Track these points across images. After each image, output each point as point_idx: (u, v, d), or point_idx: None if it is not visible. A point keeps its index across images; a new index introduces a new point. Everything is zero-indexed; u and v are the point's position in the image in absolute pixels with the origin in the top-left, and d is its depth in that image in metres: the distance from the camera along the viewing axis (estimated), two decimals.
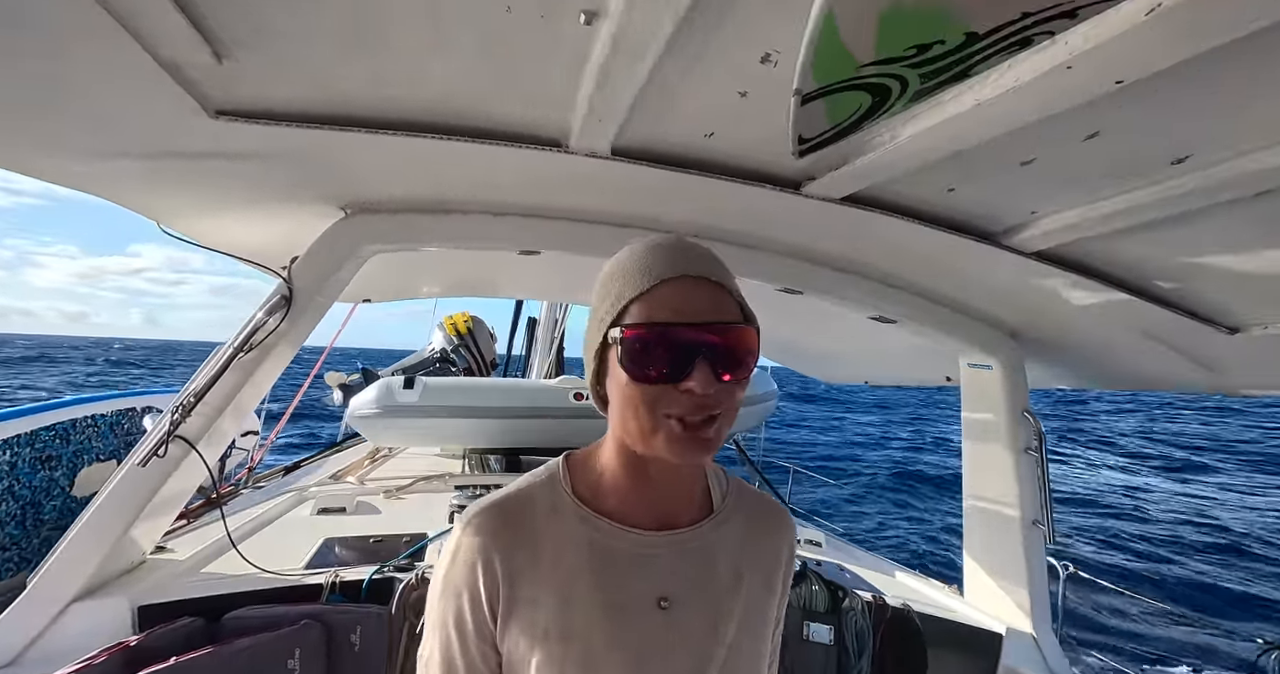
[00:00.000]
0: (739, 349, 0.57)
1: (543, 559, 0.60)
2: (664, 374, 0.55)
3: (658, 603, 0.61)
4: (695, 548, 0.64)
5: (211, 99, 1.09)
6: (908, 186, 1.28)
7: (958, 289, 1.83)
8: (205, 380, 1.52)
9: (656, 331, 0.56)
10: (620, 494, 0.64)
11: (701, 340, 0.55)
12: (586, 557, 0.61)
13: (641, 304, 0.57)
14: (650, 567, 0.62)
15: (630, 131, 1.20)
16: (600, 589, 0.60)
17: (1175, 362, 1.76)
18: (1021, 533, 2.03)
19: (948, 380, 2.61)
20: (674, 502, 0.65)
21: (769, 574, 0.68)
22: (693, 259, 0.59)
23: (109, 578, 1.49)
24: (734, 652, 0.62)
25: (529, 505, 0.63)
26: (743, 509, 0.70)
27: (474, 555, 0.60)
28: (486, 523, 0.61)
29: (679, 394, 0.55)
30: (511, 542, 0.60)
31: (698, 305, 0.57)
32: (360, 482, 2.97)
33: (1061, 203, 1.21)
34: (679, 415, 0.56)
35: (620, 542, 0.62)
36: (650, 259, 0.59)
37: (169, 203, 1.64)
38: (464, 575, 0.60)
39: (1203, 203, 1.05)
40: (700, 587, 0.63)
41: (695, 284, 0.58)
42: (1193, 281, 1.41)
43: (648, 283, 0.57)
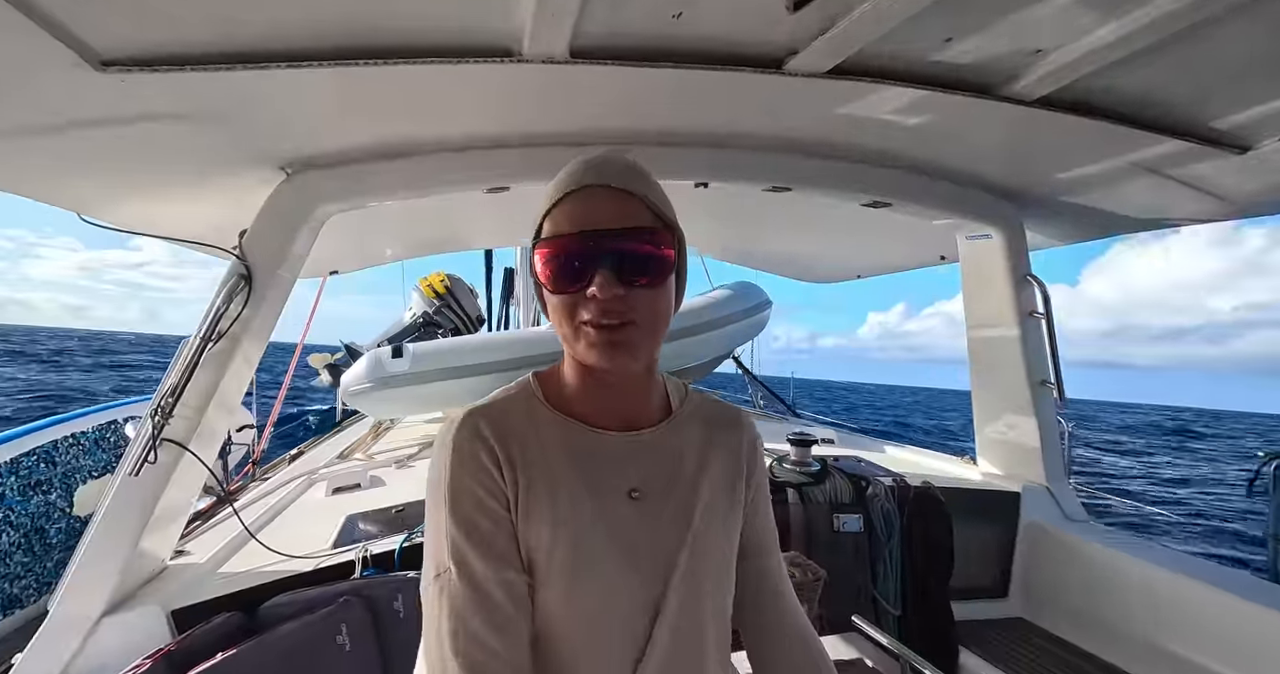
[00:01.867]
0: (641, 253, 0.59)
1: (530, 456, 0.63)
2: (571, 283, 0.58)
3: (629, 494, 0.65)
4: (657, 446, 0.69)
5: (92, 48, 0.92)
6: (899, 45, 1.16)
7: (956, 157, 1.74)
8: (178, 378, 1.41)
9: (558, 243, 0.59)
10: (583, 401, 0.68)
11: (600, 247, 0.58)
12: (564, 455, 0.65)
13: (550, 220, 0.61)
14: (619, 462, 0.66)
15: (587, 26, 1.05)
16: (580, 482, 0.64)
17: (1182, 193, 1.72)
18: (1031, 394, 2.06)
19: (942, 259, 2.58)
20: (632, 406, 0.69)
21: (729, 468, 0.72)
22: (598, 170, 0.61)
23: (134, 588, 1.45)
24: (700, 537, 0.66)
25: (509, 411, 0.66)
26: (701, 413, 0.75)
27: (477, 445, 0.62)
28: (477, 421, 0.63)
29: (584, 300, 0.58)
30: (503, 436, 0.63)
31: (597, 215, 0.59)
32: (368, 457, 2.93)
33: (1063, 36, 1.11)
34: (590, 321, 0.58)
35: (591, 441, 0.66)
36: (562, 176, 0.62)
37: (84, 187, 1.45)
38: (472, 464, 0.61)
39: (1211, 10, 0.96)
40: (665, 480, 0.67)
41: (596, 193, 0.60)
42: (1198, 103, 1.33)
43: (555, 198, 0.60)
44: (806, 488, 2.03)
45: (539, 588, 0.61)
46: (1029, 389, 2.06)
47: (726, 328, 3.62)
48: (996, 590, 2.09)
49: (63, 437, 2.59)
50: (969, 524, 2.04)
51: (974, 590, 2.06)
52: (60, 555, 2.44)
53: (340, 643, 1.33)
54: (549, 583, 0.61)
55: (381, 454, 2.95)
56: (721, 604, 0.69)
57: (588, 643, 0.62)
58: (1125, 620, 1.74)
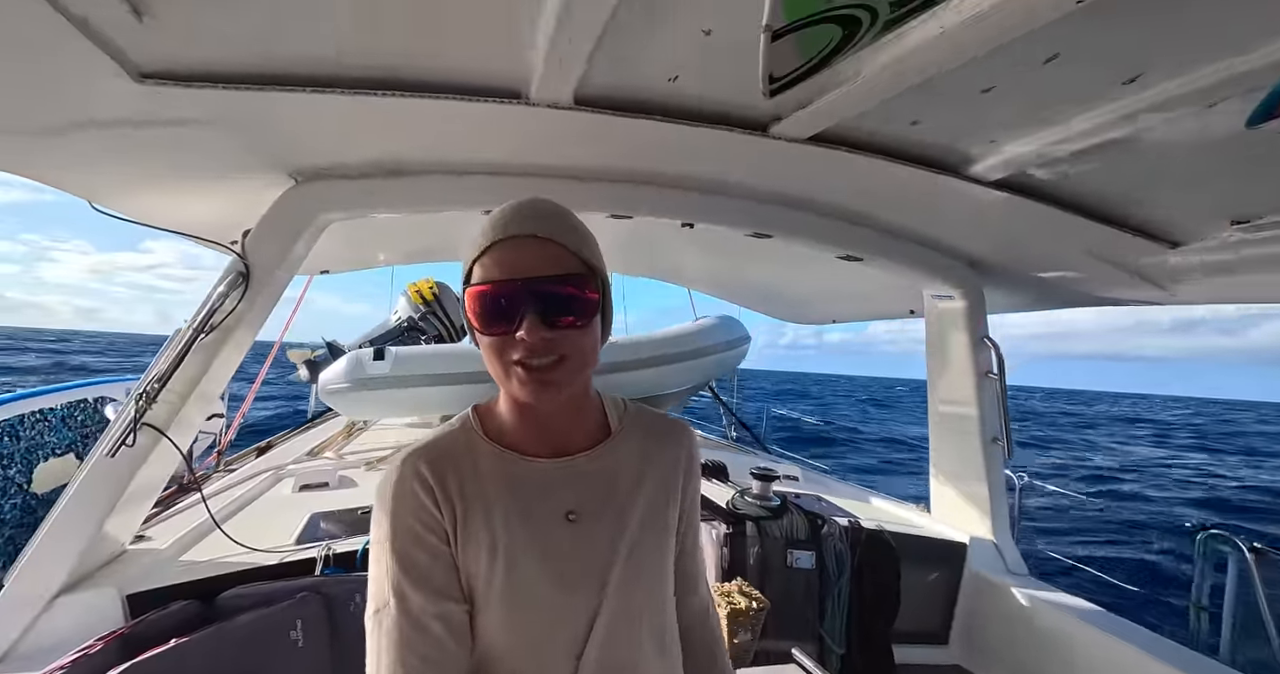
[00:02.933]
0: (564, 295, 0.63)
1: (469, 489, 0.67)
2: (500, 326, 0.62)
3: (566, 516, 0.68)
4: (595, 468, 0.72)
5: (134, 61, 1.00)
6: (872, 122, 1.29)
7: (922, 223, 1.87)
8: (167, 365, 1.46)
9: (485, 289, 0.62)
10: (518, 431, 0.71)
11: (526, 292, 0.61)
12: (505, 485, 0.68)
13: (479, 266, 0.64)
14: (553, 487, 0.69)
15: (592, 79, 1.15)
16: (517, 513, 0.67)
17: (1125, 279, 1.86)
18: (982, 450, 2.17)
19: (911, 313, 2.71)
20: (565, 433, 0.73)
21: (666, 479, 0.76)
22: (524, 219, 0.64)
23: (92, 570, 1.46)
24: (635, 551, 0.70)
25: (448, 447, 0.70)
26: (640, 427, 0.78)
27: (419, 485, 0.65)
28: (418, 460, 0.67)
29: (514, 342, 0.62)
30: (444, 474, 0.66)
31: (522, 262, 0.62)
32: (339, 456, 2.95)
33: (1020, 129, 1.24)
34: (519, 361, 0.62)
35: (526, 470, 0.69)
36: (489, 224, 0.65)
37: (101, 179, 1.52)
38: (413, 504, 0.64)
39: (1149, 122, 1.09)
40: (604, 501, 0.71)
41: (522, 243, 0.63)
42: (1140, 201, 1.47)
43: (482, 246, 0.64)
44: (764, 522, 2.10)
45: (479, 613, 0.65)
46: (981, 445, 2.16)
47: (705, 358, 3.72)
48: (938, 637, 2.15)
49: (30, 412, 2.57)
50: (917, 570, 2.12)
51: (916, 635, 2.12)
52: (11, 531, 2.40)
53: (294, 638, 1.36)
54: (488, 608, 0.64)
55: (352, 455, 2.96)
56: (659, 609, 0.73)
57: (528, 662, 0.65)
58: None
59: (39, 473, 2.58)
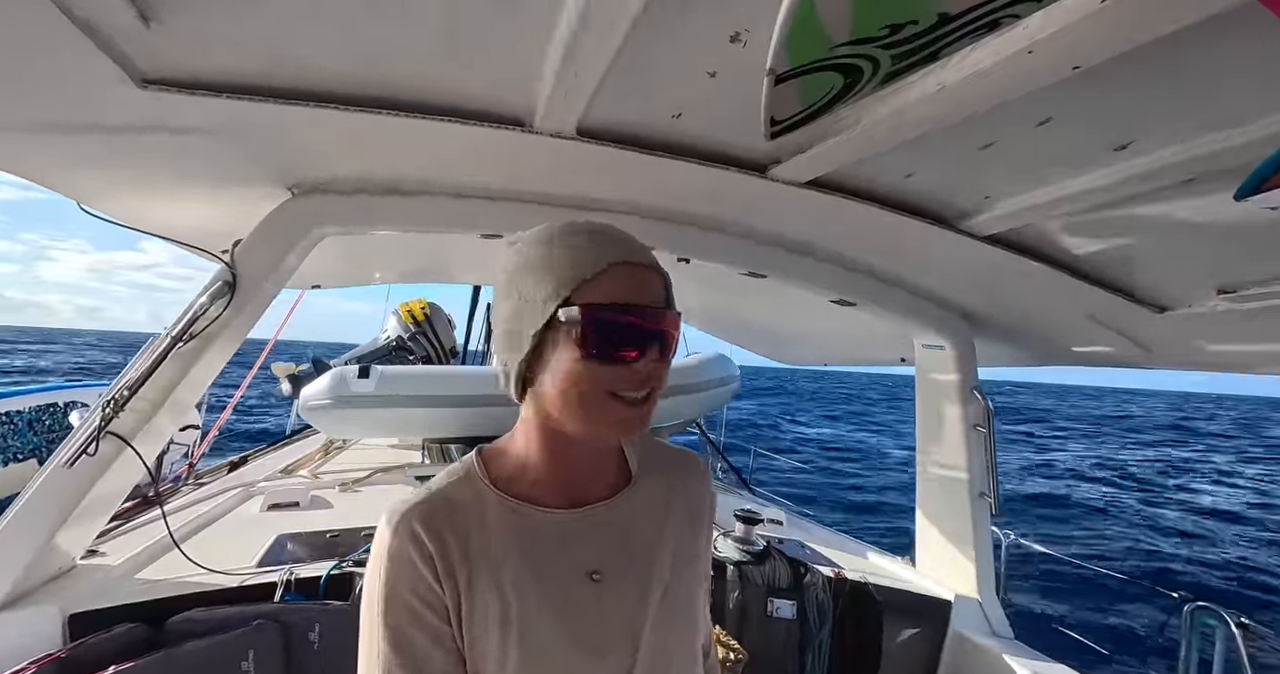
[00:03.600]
0: (674, 333, 0.62)
1: (474, 549, 0.61)
2: (624, 354, 0.58)
3: (589, 576, 0.63)
4: (616, 518, 0.67)
5: (138, 67, 1.00)
6: (870, 171, 1.31)
7: (915, 272, 1.89)
8: (140, 372, 1.42)
9: (621, 313, 0.58)
10: (539, 478, 0.66)
11: (656, 323, 0.60)
12: (515, 542, 0.62)
13: (596, 285, 0.59)
14: (576, 544, 0.64)
15: (596, 111, 1.17)
16: (532, 574, 0.61)
17: (1113, 340, 1.87)
18: (970, 505, 2.13)
19: (902, 361, 2.70)
20: (590, 479, 0.68)
21: (691, 521, 0.73)
22: (637, 247, 0.63)
23: (34, 586, 1.39)
24: (666, 604, 0.65)
25: (451, 502, 0.63)
26: (657, 467, 0.74)
27: (416, 552, 0.59)
28: (416, 521, 0.60)
29: (628, 372, 0.59)
30: (444, 535, 0.60)
31: (649, 291, 0.60)
32: (314, 475, 2.86)
33: (1013, 188, 1.26)
34: (627, 392, 0.59)
35: (541, 523, 0.64)
36: (592, 243, 0.61)
37: (93, 180, 1.50)
38: (409, 574, 0.59)
39: (1139, 189, 1.11)
40: (624, 555, 0.66)
41: (645, 270, 0.61)
42: (1129, 265, 1.49)
43: (601, 264, 0.59)
44: (746, 567, 2.04)
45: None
46: (968, 500, 2.13)
47: (696, 394, 3.69)
48: None
49: None
50: (900, 625, 2.06)
51: None
52: None
53: (245, 669, 1.29)
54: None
55: (328, 474, 2.88)
56: (691, 660, 0.70)
57: None
58: None
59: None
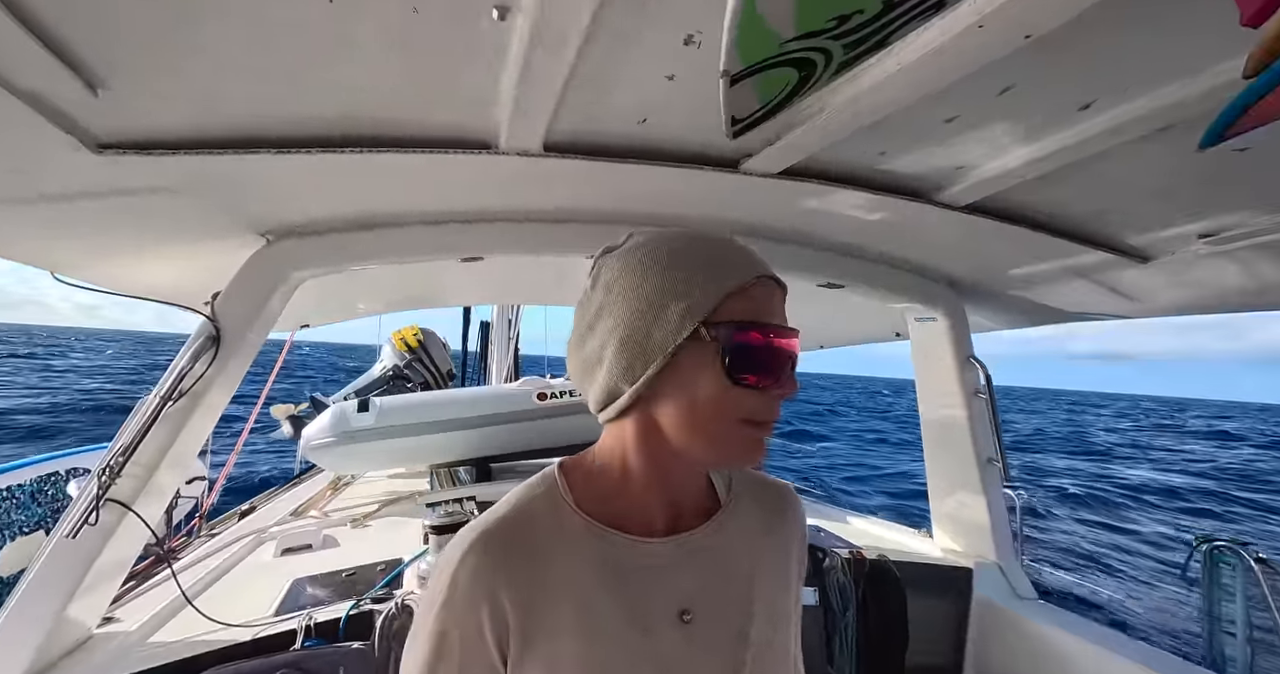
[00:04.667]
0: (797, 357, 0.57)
1: (553, 585, 0.55)
2: (766, 378, 0.53)
3: (680, 616, 0.57)
4: (710, 548, 0.61)
5: (92, 134, 0.99)
6: (841, 154, 1.30)
7: (899, 248, 1.89)
8: (132, 436, 1.40)
9: (771, 334, 0.54)
10: (629, 502, 0.60)
11: (793, 346, 0.56)
12: (599, 576, 0.56)
13: (740, 301, 0.54)
14: (666, 577, 0.58)
15: (560, 126, 1.16)
16: (615, 610, 0.55)
17: (1099, 294, 1.88)
18: (979, 471, 2.14)
19: (896, 336, 2.71)
20: (683, 502, 0.63)
21: (785, 561, 0.66)
22: (761, 260, 0.58)
23: (52, 661, 1.37)
24: (757, 651, 0.59)
25: (531, 525, 0.57)
26: (750, 496, 0.68)
27: (475, 587, 0.53)
28: (486, 549, 0.54)
29: (768, 400, 0.54)
30: (517, 569, 0.54)
31: (782, 309, 0.57)
32: (324, 514, 2.85)
33: (984, 156, 1.26)
34: (763, 420, 0.54)
35: (630, 553, 0.58)
36: (735, 254, 0.56)
37: (65, 251, 1.49)
38: (465, 610, 0.53)
39: (1109, 143, 1.11)
40: (719, 591, 0.60)
41: (779, 288, 0.58)
42: (1107, 220, 1.50)
43: (744, 278, 0.54)
44: None
45: None
46: (977, 466, 2.14)
47: None
48: (951, 669, 2.08)
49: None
50: (923, 599, 2.06)
51: (929, 669, 2.05)
52: None
53: None
54: None
55: (337, 512, 2.86)
56: None
57: None
58: None
59: (5, 554, 2.46)
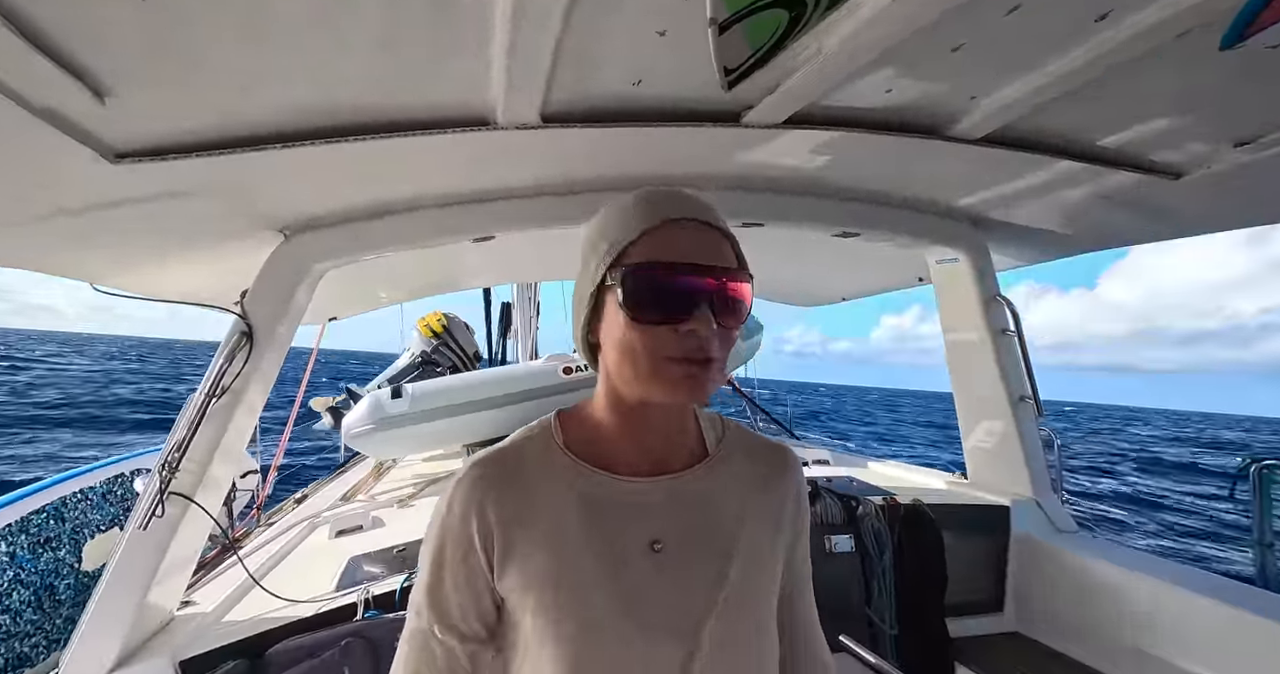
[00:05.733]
0: (736, 296, 0.57)
1: (534, 508, 0.61)
2: (666, 315, 0.54)
3: (650, 546, 0.60)
4: (690, 491, 0.64)
5: (106, 144, 1.02)
6: (846, 97, 1.26)
7: (914, 189, 1.84)
8: (184, 433, 1.48)
9: (661, 270, 0.55)
10: (612, 444, 0.64)
11: (704, 282, 0.55)
12: (576, 506, 0.61)
13: (643, 245, 0.56)
14: (642, 512, 0.61)
15: (556, 96, 1.15)
16: (590, 537, 0.60)
17: (1129, 216, 1.81)
18: (1011, 410, 2.12)
19: (920, 281, 2.66)
20: (667, 448, 0.65)
21: (773, 514, 0.67)
22: (693, 203, 0.59)
23: (143, 641, 1.49)
24: (733, 593, 0.60)
25: (519, 457, 0.64)
26: (742, 451, 0.69)
27: (467, 504, 0.60)
28: (478, 473, 0.62)
29: (678, 336, 0.55)
30: (503, 490, 0.61)
31: (701, 248, 0.56)
32: (370, 498, 2.97)
33: (996, 83, 1.21)
34: (678, 357, 0.55)
35: (610, 490, 0.62)
36: (650, 202, 0.58)
37: (95, 261, 1.55)
38: (458, 524, 0.61)
39: (1130, 54, 1.05)
40: (696, 529, 0.62)
41: (697, 227, 0.57)
42: (1133, 136, 1.42)
43: (649, 223, 0.56)
44: None
45: (532, 654, 0.58)
46: (1009, 406, 2.11)
47: None
48: (991, 605, 2.11)
49: (71, 492, 2.64)
50: (961, 540, 2.08)
51: (969, 606, 2.08)
52: (69, 611, 2.47)
53: None
54: (543, 649, 0.57)
55: (383, 495, 2.99)
56: (762, 669, 0.63)
57: None
58: (1118, 631, 1.76)
59: (87, 551, 2.65)
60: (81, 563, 2.60)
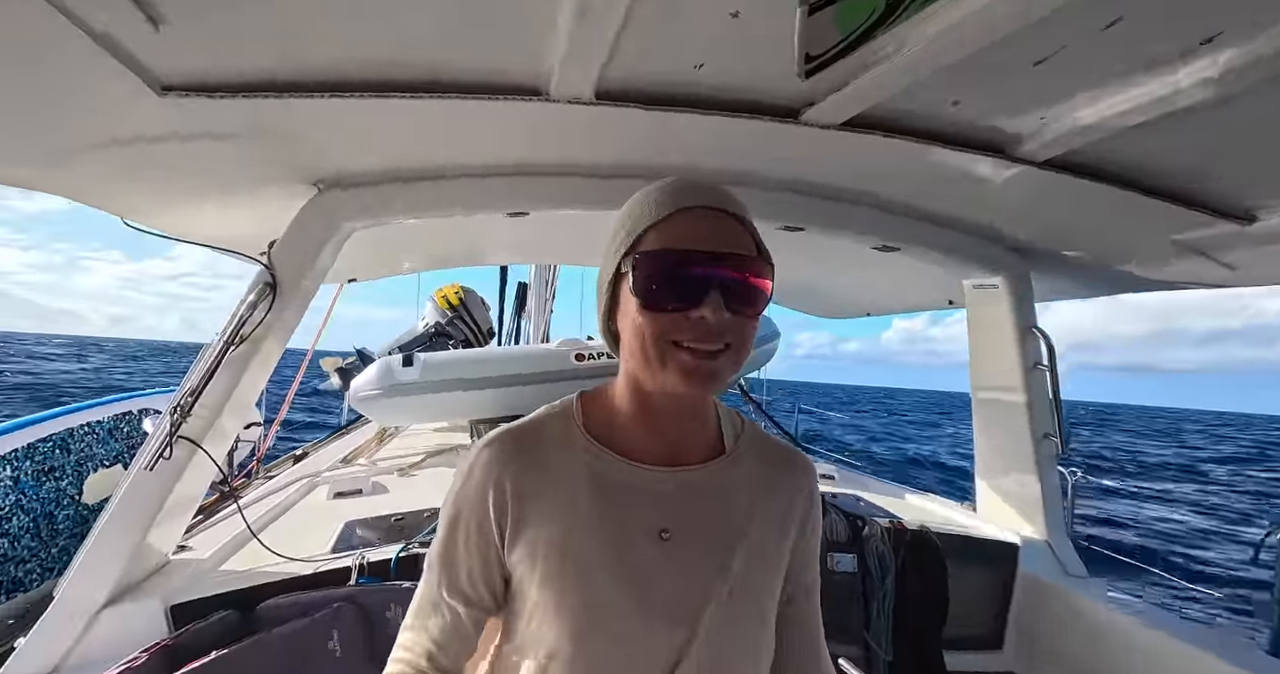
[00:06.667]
0: (751, 283, 0.57)
1: (548, 485, 0.62)
2: (676, 301, 0.55)
3: (659, 534, 0.61)
4: (703, 486, 0.64)
5: (155, 74, 0.99)
6: (910, 104, 1.21)
7: (962, 208, 1.78)
8: (199, 378, 1.47)
9: (672, 257, 0.56)
10: (630, 430, 0.64)
11: (716, 269, 0.55)
12: (589, 487, 0.62)
13: (657, 232, 0.57)
14: (653, 500, 0.62)
15: (614, 71, 1.11)
16: (600, 517, 0.61)
17: (1190, 259, 1.73)
18: (1033, 446, 2.06)
19: (950, 304, 2.60)
20: (684, 439, 0.65)
21: (781, 516, 0.67)
22: (711, 191, 0.59)
23: (136, 581, 1.48)
24: (736, 585, 0.61)
25: (540, 434, 0.65)
26: (756, 452, 0.69)
27: (485, 476, 0.62)
28: (499, 447, 0.63)
29: (689, 322, 0.55)
30: (521, 465, 0.62)
31: (714, 237, 0.56)
32: (372, 463, 2.97)
33: (1074, 103, 1.15)
34: (689, 343, 0.55)
35: (624, 474, 0.62)
36: (667, 191, 0.60)
37: (131, 195, 1.54)
38: (475, 494, 0.62)
39: (1232, 87, 0.99)
40: (705, 522, 0.63)
41: (713, 214, 0.58)
42: (1209, 173, 1.36)
43: (664, 211, 0.58)
44: None
45: (538, 629, 0.60)
46: (1031, 441, 2.06)
47: None
48: (991, 642, 2.06)
49: (79, 425, 2.66)
50: (965, 572, 2.03)
51: (968, 640, 2.03)
52: (65, 542, 2.49)
53: (331, 649, 1.35)
54: (549, 617, 0.59)
55: (385, 461, 2.98)
56: (757, 663, 0.65)
57: None
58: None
59: (89, 484, 2.67)
60: (83, 495, 2.62)
